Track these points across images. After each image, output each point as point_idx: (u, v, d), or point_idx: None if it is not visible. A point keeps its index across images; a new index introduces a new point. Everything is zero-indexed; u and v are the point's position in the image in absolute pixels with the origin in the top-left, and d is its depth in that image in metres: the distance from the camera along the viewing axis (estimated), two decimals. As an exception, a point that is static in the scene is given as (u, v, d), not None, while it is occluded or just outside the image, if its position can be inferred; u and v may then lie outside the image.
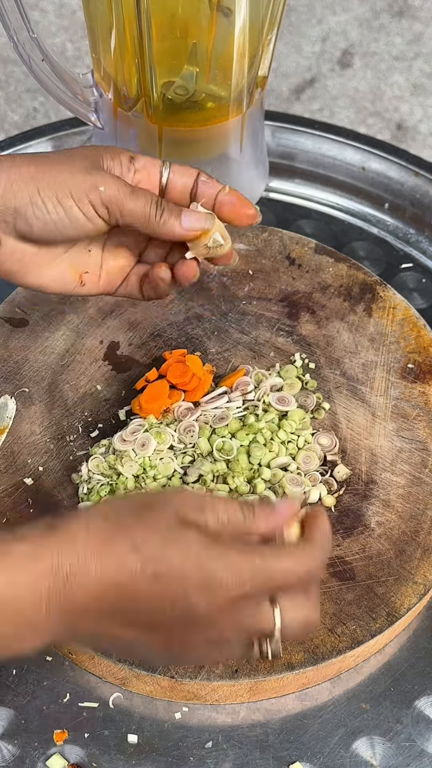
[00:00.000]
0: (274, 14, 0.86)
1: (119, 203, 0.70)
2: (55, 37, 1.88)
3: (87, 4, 0.87)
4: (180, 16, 0.83)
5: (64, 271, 0.74)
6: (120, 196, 0.70)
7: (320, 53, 1.89)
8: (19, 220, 0.70)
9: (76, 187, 0.69)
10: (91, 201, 0.70)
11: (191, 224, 0.72)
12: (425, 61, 1.89)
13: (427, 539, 0.78)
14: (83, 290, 0.76)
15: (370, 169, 1.04)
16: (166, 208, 0.72)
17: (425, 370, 0.87)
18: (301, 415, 0.82)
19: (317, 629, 0.73)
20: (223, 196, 0.74)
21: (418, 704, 0.74)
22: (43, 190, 0.69)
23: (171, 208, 0.72)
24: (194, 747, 0.71)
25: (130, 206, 0.70)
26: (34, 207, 0.69)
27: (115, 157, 0.72)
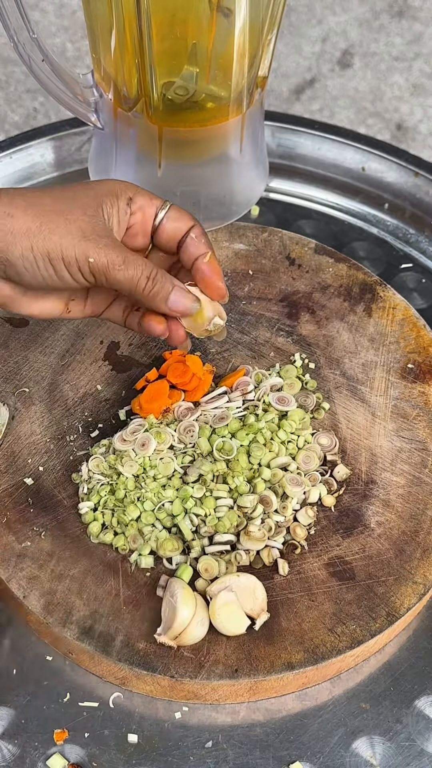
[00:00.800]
0: (274, 14, 0.86)
1: (107, 275, 0.71)
2: (55, 37, 1.88)
3: (87, 4, 0.87)
4: (180, 16, 0.83)
5: (51, 304, 0.76)
6: (109, 268, 0.70)
7: (320, 53, 1.89)
8: (10, 269, 0.70)
9: (68, 252, 0.70)
10: (80, 268, 0.70)
11: (176, 306, 0.74)
12: (425, 61, 1.89)
13: (426, 539, 0.78)
14: (69, 316, 0.77)
15: (370, 169, 1.04)
16: (158, 282, 0.72)
17: (425, 370, 0.87)
18: (301, 415, 0.82)
19: (318, 629, 0.73)
20: (201, 263, 0.75)
21: (418, 704, 0.74)
22: (37, 248, 0.69)
23: (162, 283, 0.73)
24: (194, 747, 0.71)
25: (119, 278, 0.71)
26: (25, 262, 0.70)
27: (114, 204, 0.72)
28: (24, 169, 1.03)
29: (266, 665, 0.71)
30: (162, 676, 0.71)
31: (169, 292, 0.73)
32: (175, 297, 0.73)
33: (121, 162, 0.95)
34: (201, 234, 0.75)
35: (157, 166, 0.92)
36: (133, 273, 0.71)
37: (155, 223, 0.75)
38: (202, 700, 0.72)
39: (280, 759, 0.71)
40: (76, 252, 0.70)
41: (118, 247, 0.71)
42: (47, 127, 1.04)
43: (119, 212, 0.73)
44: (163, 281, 0.73)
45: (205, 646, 0.72)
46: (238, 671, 0.71)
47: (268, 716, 0.73)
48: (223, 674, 0.71)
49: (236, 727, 0.72)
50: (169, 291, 0.73)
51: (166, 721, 0.72)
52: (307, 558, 0.77)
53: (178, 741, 0.71)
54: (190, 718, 0.72)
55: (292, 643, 0.72)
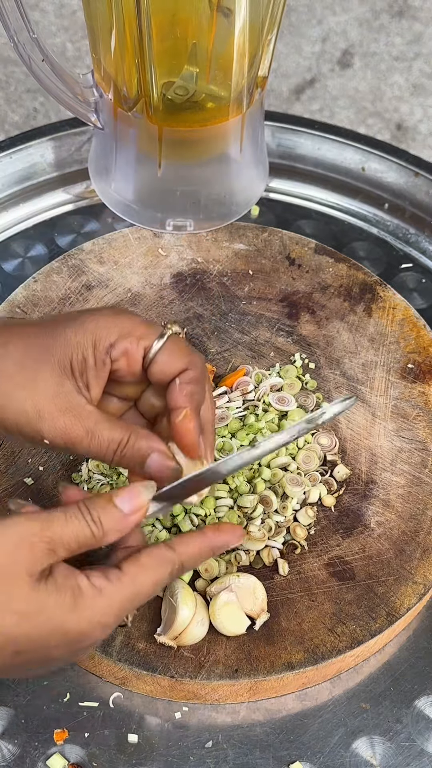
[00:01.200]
0: (274, 14, 0.86)
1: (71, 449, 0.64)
2: (55, 37, 1.88)
3: (87, 4, 0.87)
4: (180, 16, 0.83)
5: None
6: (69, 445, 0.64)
7: (320, 53, 1.89)
8: None
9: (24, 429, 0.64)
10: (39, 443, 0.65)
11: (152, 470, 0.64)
12: (425, 61, 1.89)
13: (426, 539, 0.78)
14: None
15: (370, 169, 1.04)
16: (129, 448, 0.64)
17: (425, 370, 0.87)
18: (301, 415, 0.82)
19: (318, 629, 0.73)
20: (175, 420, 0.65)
21: (418, 704, 0.74)
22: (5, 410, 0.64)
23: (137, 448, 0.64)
24: (194, 747, 0.71)
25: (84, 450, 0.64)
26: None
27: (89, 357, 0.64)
28: (24, 169, 1.03)
29: (266, 665, 0.71)
30: (162, 676, 0.71)
31: (144, 457, 0.64)
32: (151, 462, 0.64)
33: (121, 162, 0.95)
34: (189, 381, 0.65)
35: (157, 166, 0.92)
36: (99, 444, 0.64)
37: (149, 354, 0.65)
38: (202, 700, 0.72)
39: (280, 759, 0.71)
40: (32, 431, 0.64)
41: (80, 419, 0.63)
42: (47, 127, 1.04)
43: (95, 367, 0.64)
44: (138, 446, 0.64)
45: (205, 647, 0.72)
46: (238, 671, 0.71)
47: (268, 716, 0.73)
48: (223, 674, 0.71)
49: (236, 727, 0.72)
50: (144, 457, 0.64)
51: (166, 721, 0.72)
52: (307, 558, 0.77)
53: (178, 741, 0.71)
54: (190, 718, 0.72)
55: (292, 643, 0.72)
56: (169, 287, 0.92)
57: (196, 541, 0.62)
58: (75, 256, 0.93)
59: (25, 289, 0.91)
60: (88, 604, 0.58)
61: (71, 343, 0.64)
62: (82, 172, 1.03)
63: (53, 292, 0.91)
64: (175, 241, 0.95)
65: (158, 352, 0.65)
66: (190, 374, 0.65)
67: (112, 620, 0.59)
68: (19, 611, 0.56)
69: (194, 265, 0.94)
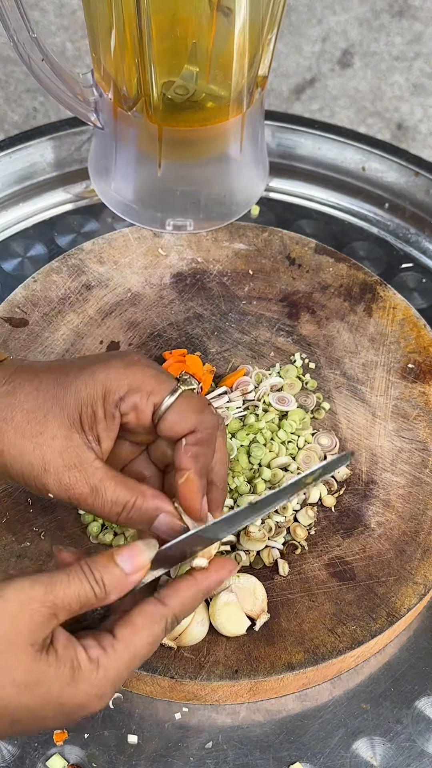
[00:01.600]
0: (274, 14, 0.86)
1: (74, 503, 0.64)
2: (55, 37, 1.88)
3: (87, 4, 0.87)
4: (180, 15, 0.83)
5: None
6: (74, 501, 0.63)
7: (320, 53, 1.89)
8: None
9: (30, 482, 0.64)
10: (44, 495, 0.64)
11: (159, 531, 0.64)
12: (425, 61, 1.89)
13: (427, 539, 0.78)
14: None
15: (371, 168, 1.04)
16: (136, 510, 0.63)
17: (425, 370, 0.87)
18: (301, 415, 0.82)
19: (318, 629, 0.73)
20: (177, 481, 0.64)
21: (419, 704, 0.74)
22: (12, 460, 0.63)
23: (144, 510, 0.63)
24: (194, 747, 0.71)
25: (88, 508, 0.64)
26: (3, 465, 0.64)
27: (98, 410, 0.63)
28: (24, 169, 1.02)
29: (266, 666, 0.71)
30: (162, 676, 0.70)
31: (152, 518, 0.63)
32: (159, 523, 0.63)
33: (121, 162, 0.95)
34: (195, 443, 0.63)
35: (157, 165, 0.92)
36: (102, 503, 0.63)
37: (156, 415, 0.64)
38: (202, 700, 0.72)
39: (280, 760, 0.71)
40: (38, 484, 0.64)
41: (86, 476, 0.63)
42: (47, 127, 1.04)
43: (105, 420, 0.63)
44: (145, 507, 0.63)
45: (205, 647, 0.72)
46: (239, 672, 0.71)
47: (268, 717, 0.73)
48: (223, 675, 0.71)
49: (236, 727, 0.72)
50: (152, 518, 0.63)
51: (166, 721, 0.72)
52: (307, 558, 0.77)
53: (178, 742, 0.71)
54: (190, 719, 0.72)
55: (293, 644, 0.72)
56: (169, 287, 0.92)
57: (187, 590, 0.61)
58: (75, 255, 0.93)
59: (25, 288, 0.91)
60: (85, 677, 0.57)
61: (81, 395, 0.63)
62: (81, 172, 1.03)
63: (53, 292, 0.91)
64: (175, 241, 0.95)
65: (167, 410, 0.63)
66: (197, 436, 0.63)
67: (109, 690, 0.58)
68: (20, 682, 0.55)
69: (194, 264, 0.94)
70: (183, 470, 0.63)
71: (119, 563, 0.58)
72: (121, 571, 0.58)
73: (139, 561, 0.59)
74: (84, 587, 0.57)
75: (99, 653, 0.57)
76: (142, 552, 0.59)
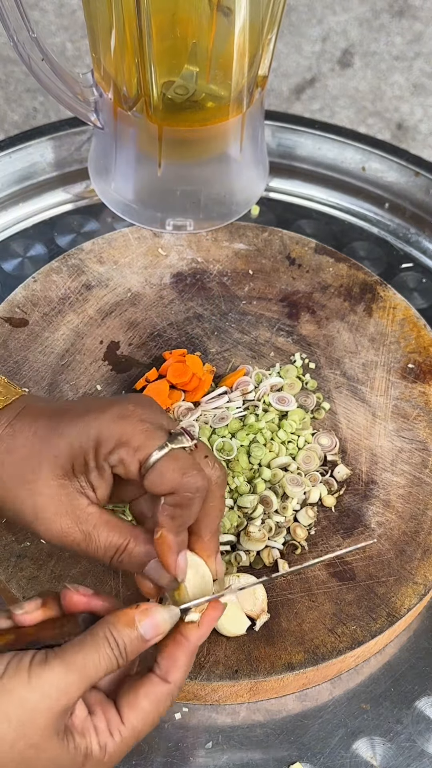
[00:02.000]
0: (274, 14, 0.86)
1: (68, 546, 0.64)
2: (55, 37, 1.88)
3: (87, 4, 0.87)
4: (180, 15, 0.83)
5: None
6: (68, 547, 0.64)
7: (320, 53, 1.89)
8: None
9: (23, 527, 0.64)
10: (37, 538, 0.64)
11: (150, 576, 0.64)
12: (425, 61, 1.89)
13: (427, 539, 0.77)
14: None
15: (371, 168, 1.04)
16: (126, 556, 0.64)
17: (425, 370, 0.87)
18: (301, 415, 0.82)
19: (318, 629, 0.73)
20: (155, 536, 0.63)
21: (419, 704, 0.74)
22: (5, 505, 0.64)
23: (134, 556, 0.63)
24: (194, 747, 0.71)
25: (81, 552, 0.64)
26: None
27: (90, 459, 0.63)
28: (24, 169, 1.02)
29: (266, 666, 0.71)
30: (162, 676, 0.70)
31: (143, 563, 0.64)
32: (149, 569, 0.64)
33: (121, 162, 0.95)
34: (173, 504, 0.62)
35: (157, 165, 0.92)
36: (96, 548, 0.63)
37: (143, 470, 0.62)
38: (202, 700, 0.72)
39: (280, 760, 0.71)
40: (29, 529, 0.64)
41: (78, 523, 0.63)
42: (47, 127, 1.04)
43: (96, 470, 0.63)
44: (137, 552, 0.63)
45: (205, 647, 0.72)
46: (239, 672, 0.71)
47: (268, 717, 0.73)
48: (223, 675, 0.71)
49: (236, 727, 0.72)
50: (143, 563, 0.64)
51: (166, 721, 0.72)
52: (307, 558, 0.77)
53: (178, 742, 0.71)
54: (190, 719, 0.72)
55: (293, 644, 0.72)
56: (169, 287, 0.92)
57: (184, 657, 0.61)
58: (75, 255, 0.93)
59: (25, 288, 0.91)
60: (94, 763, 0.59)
61: (74, 446, 0.63)
62: (81, 172, 1.03)
63: (53, 292, 0.91)
64: (175, 241, 0.95)
65: (150, 468, 0.62)
66: (175, 498, 0.62)
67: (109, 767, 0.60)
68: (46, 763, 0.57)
69: (194, 264, 0.94)
70: (158, 527, 0.63)
71: (140, 630, 0.60)
72: (143, 638, 0.60)
73: (159, 629, 0.60)
74: (111, 662, 0.58)
75: (107, 739, 0.59)
76: (164, 621, 0.61)
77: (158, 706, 0.60)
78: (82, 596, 0.61)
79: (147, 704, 0.60)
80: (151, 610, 0.60)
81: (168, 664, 0.61)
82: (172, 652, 0.61)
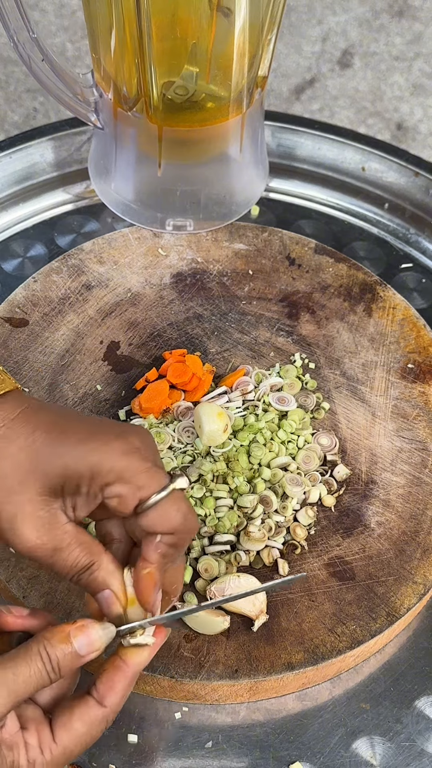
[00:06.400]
0: (274, 14, 0.86)
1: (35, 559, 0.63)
2: (55, 37, 1.88)
3: (87, 4, 0.87)
4: (180, 16, 0.83)
5: None
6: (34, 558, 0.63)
7: (320, 53, 1.89)
8: None
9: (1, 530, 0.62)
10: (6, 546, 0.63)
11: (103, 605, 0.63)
12: (425, 61, 1.89)
13: (427, 539, 0.78)
14: None
15: (370, 169, 1.04)
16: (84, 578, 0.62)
17: (425, 370, 0.87)
18: (301, 415, 0.82)
19: (318, 629, 0.73)
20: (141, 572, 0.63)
21: (418, 704, 0.74)
22: None
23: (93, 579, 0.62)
24: (194, 747, 0.71)
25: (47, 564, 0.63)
26: None
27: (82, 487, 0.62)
28: (24, 169, 1.03)
29: (266, 665, 0.71)
30: (162, 676, 0.70)
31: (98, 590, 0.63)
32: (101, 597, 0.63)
33: (121, 162, 0.95)
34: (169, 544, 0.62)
35: (157, 165, 0.92)
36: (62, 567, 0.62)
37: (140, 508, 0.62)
38: (202, 700, 0.72)
39: (280, 759, 0.71)
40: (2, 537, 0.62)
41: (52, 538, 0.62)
42: (47, 127, 1.04)
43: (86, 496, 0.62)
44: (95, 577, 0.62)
45: (205, 647, 0.72)
46: (238, 671, 0.71)
47: (268, 716, 0.73)
48: (223, 674, 0.71)
49: (236, 727, 0.72)
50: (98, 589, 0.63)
51: (166, 721, 0.72)
52: (307, 558, 0.77)
53: (178, 741, 0.71)
54: (190, 719, 0.72)
55: (292, 644, 0.72)
56: (169, 287, 0.92)
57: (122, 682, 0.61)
58: (75, 255, 0.93)
59: (25, 289, 0.91)
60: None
61: (69, 470, 0.62)
62: (82, 172, 1.03)
63: (53, 292, 0.91)
64: (175, 241, 0.95)
65: (151, 507, 0.62)
66: (173, 539, 0.63)
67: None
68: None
69: (194, 265, 0.94)
70: (147, 563, 0.62)
71: (76, 647, 0.60)
72: (77, 653, 0.60)
73: (94, 646, 0.61)
74: (43, 677, 0.59)
75: (37, 756, 0.59)
76: (99, 638, 0.61)
77: (91, 729, 0.61)
78: (16, 618, 0.62)
79: (80, 726, 0.60)
80: (87, 626, 0.61)
81: (105, 689, 0.61)
82: (110, 676, 0.61)
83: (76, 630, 0.60)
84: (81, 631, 0.60)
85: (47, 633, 0.60)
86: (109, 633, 0.61)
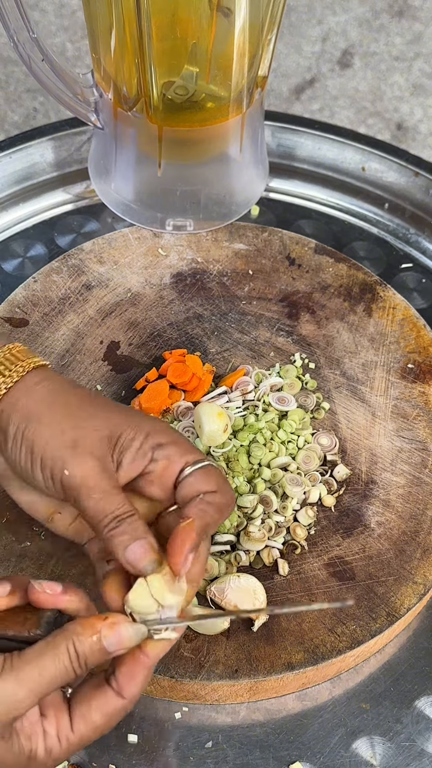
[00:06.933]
0: (274, 14, 0.86)
1: (77, 497, 0.63)
2: (55, 37, 1.88)
3: (87, 4, 0.87)
4: (180, 16, 0.83)
5: (35, 502, 0.69)
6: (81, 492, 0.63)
7: (320, 53, 1.89)
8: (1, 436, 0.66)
9: (48, 453, 0.64)
10: (53, 476, 0.64)
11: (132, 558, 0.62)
12: (425, 61, 1.89)
13: (427, 539, 0.78)
14: (51, 526, 0.70)
15: (370, 169, 1.04)
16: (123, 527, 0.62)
17: (425, 370, 0.87)
18: (301, 415, 0.82)
19: (318, 629, 0.73)
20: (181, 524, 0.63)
21: (418, 704, 0.74)
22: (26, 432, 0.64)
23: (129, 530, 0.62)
24: (194, 747, 0.71)
25: (87, 506, 0.63)
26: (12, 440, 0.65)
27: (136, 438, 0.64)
28: (24, 169, 1.03)
29: (266, 665, 0.71)
30: (162, 676, 0.70)
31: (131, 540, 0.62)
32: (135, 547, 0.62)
33: (121, 162, 0.95)
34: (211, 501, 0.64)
35: (157, 165, 0.92)
36: (104, 508, 0.62)
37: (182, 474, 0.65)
38: (202, 700, 0.72)
39: (280, 759, 0.71)
40: (56, 456, 0.63)
41: (102, 474, 0.63)
42: (47, 127, 1.04)
43: (136, 453, 0.64)
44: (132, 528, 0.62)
45: (205, 647, 0.72)
46: (238, 671, 0.71)
47: (268, 716, 0.73)
48: (223, 675, 0.71)
49: (236, 727, 0.72)
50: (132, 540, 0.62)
51: (166, 721, 0.72)
52: (307, 558, 0.77)
53: (178, 741, 0.71)
54: (190, 719, 0.72)
55: (292, 644, 0.72)
56: (169, 287, 0.92)
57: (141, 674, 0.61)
58: (75, 255, 0.93)
59: (25, 289, 0.91)
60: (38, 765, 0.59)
61: (131, 421, 0.65)
62: (82, 172, 1.03)
63: (53, 292, 0.91)
64: (175, 241, 0.95)
65: (196, 470, 0.65)
66: (216, 497, 0.64)
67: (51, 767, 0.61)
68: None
69: (194, 265, 0.94)
70: (186, 517, 0.63)
71: (105, 645, 0.59)
72: (104, 649, 0.59)
73: (124, 644, 0.60)
74: (68, 674, 0.58)
75: (54, 745, 0.59)
76: (129, 638, 0.60)
77: (110, 720, 0.61)
78: (48, 595, 0.61)
79: (99, 718, 0.60)
80: (119, 624, 0.60)
81: (126, 680, 0.60)
82: (131, 668, 0.61)
83: (107, 628, 0.59)
84: (112, 629, 0.59)
85: (77, 627, 0.59)
86: (141, 634, 0.60)
